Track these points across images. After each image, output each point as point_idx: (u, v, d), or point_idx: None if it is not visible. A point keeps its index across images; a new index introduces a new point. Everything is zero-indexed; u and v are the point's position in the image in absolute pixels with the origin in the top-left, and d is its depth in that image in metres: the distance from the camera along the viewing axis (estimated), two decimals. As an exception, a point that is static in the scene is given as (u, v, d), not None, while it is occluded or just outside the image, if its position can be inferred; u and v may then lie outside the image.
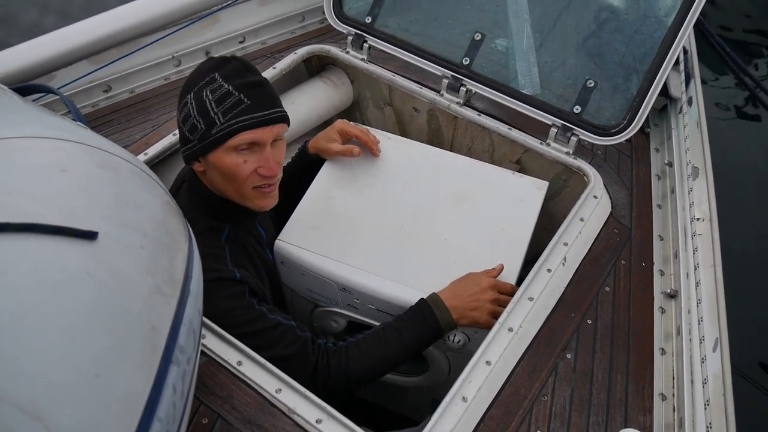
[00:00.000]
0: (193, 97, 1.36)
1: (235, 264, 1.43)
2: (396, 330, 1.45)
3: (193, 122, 1.36)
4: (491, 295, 1.47)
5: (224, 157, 1.36)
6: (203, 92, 1.34)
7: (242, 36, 2.33)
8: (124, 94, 2.11)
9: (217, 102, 1.33)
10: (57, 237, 0.78)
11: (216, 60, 1.40)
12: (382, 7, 2.09)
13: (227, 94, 1.33)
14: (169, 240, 0.96)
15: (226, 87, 1.34)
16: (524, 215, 1.69)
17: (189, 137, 1.38)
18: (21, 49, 1.84)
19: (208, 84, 1.35)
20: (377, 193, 1.74)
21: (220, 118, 1.33)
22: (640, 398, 1.40)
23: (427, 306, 1.46)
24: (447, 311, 1.45)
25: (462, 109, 2.00)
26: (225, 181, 1.41)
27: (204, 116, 1.34)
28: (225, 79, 1.34)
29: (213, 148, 1.36)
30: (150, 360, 0.81)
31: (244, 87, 1.35)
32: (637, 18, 1.82)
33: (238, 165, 1.37)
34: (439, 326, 1.45)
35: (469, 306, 1.45)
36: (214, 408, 1.24)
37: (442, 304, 1.45)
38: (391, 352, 1.44)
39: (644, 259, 1.69)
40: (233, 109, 1.33)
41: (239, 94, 1.34)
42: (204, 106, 1.34)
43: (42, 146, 0.90)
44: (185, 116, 1.38)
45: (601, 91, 1.82)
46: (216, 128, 1.34)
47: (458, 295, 1.46)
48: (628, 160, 1.99)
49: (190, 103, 1.36)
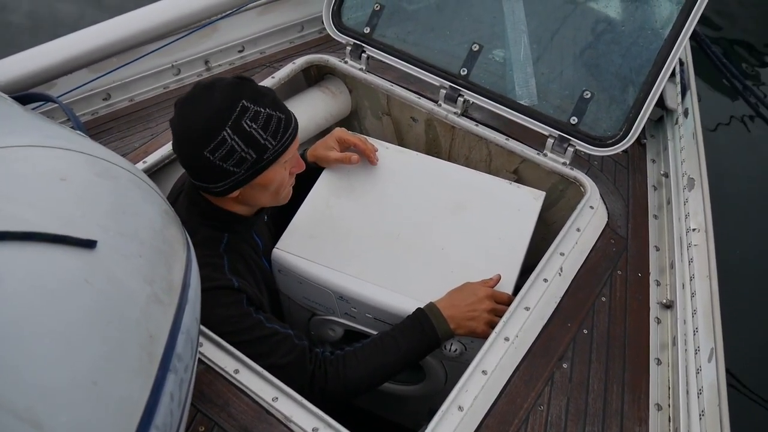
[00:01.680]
0: (233, 132, 1.30)
1: (233, 273, 1.44)
2: (393, 339, 1.45)
3: (241, 155, 1.33)
4: (488, 305, 1.47)
5: (275, 173, 1.42)
6: (242, 124, 1.31)
7: (241, 45, 2.34)
8: (123, 102, 2.12)
9: (264, 128, 1.34)
10: (56, 245, 0.78)
11: (225, 86, 1.33)
12: (381, 17, 2.11)
13: (269, 117, 1.34)
14: (167, 248, 0.96)
15: (263, 111, 1.33)
16: (521, 225, 1.70)
17: (234, 170, 1.34)
18: (21, 57, 1.85)
19: (242, 114, 1.31)
20: (375, 202, 1.75)
21: (271, 141, 1.35)
22: (636, 408, 1.40)
23: (425, 315, 1.46)
24: (444, 321, 1.45)
25: (459, 119, 2.01)
26: (267, 194, 1.46)
27: (254, 146, 1.33)
28: (256, 104, 1.32)
29: (263, 171, 1.39)
30: (147, 368, 0.81)
31: (273, 105, 1.36)
32: (634, 30, 1.84)
33: (284, 175, 1.45)
34: (436, 336, 1.45)
35: (466, 316, 1.45)
36: (210, 416, 1.24)
37: (440, 313, 1.46)
38: (388, 361, 1.44)
39: (640, 269, 1.70)
40: (279, 128, 1.36)
41: (275, 112, 1.35)
42: (252, 137, 1.32)
43: (41, 155, 0.91)
44: (227, 153, 1.31)
45: (597, 102, 1.83)
46: (269, 152, 1.36)
47: (455, 304, 1.47)
48: (624, 170, 2.00)
49: (231, 139, 1.30)
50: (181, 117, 1.35)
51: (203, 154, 1.31)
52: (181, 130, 1.35)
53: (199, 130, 1.31)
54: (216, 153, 1.31)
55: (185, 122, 1.34)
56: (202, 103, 1.32)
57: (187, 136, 1.34)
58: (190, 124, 1.32)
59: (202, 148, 1.31)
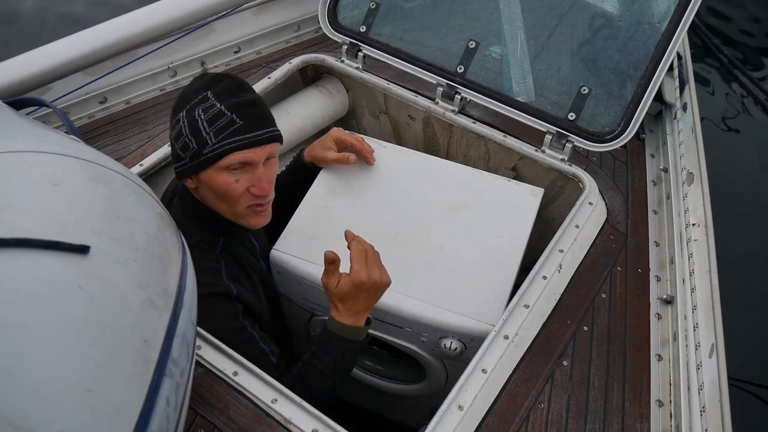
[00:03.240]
0: (185, 115, 1.35)
1: (231, 278, 1.43)
2: (320, 364, 1.39)
3: (185, 140, 1.35)
4: (363, 270, 1.35)
5: (216, 176, 1.36)
6: (195, 111, 1.34)
7: (237, 46, 2.33)
8: (119, 105, 2.11)
9: (210, 122, 1.32)
10: (49, 252, 0.78)
11: (209, 77, 1.38)
12: (377, 16, 2.10)
13: (219, 114, 1.33)
14: (162, 253, 0.96)
15: (218, 107, 1.33)
16: (520, 222, 1.69)
17: (181, 155, 1.38)
18: (15, 62, 1.84)
19: (200, 102, 1.34)
20: (373, 201, 1.74)
21: (212, 138, 1.33)
22: (637, 405, 1.40)
23: (331, 333, 1.40)
24: (349, 327, 1.38)
25: (457, 116, 2.00)
26: (218, 200, 1.42)
27: (196, 135, 1.34)
28: (217, 98, 1.34)
29: (205, 167, 1.36)
30: (142, 373, 0.81)
31: (237, 107, 1.34)
32: (631, 24, 1.83)
33: (230, 184, 1.37)
34: (353, 342, 1.39)
35: (365, 306, 1.39)
36: (210, 419, 1.24)
37: (342, 324, 1.38)
38: (325, 383, 1.39)
39: (640, 265, 1.69)
40: (225, 130, 1.33)
41: (231, 114, 1.33)
42: (196, 126, 1.33)
43: (34, 161, 0.90)
44: (177, 134, 1.37)
45: (595, 97, 1.82)
46: (208, 148, 1.33)
47: (350, 308, 1.38)
48: (623, 166, 1.99)
49: (182, 122, 1.35)
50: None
51: (170, 131, 1.42)
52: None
53: (173, 108, 1.42)
54: (173, 131, 1.39)
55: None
56: (187, 86, 1.42)
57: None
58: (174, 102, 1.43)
59: (170, 126, 1.42)
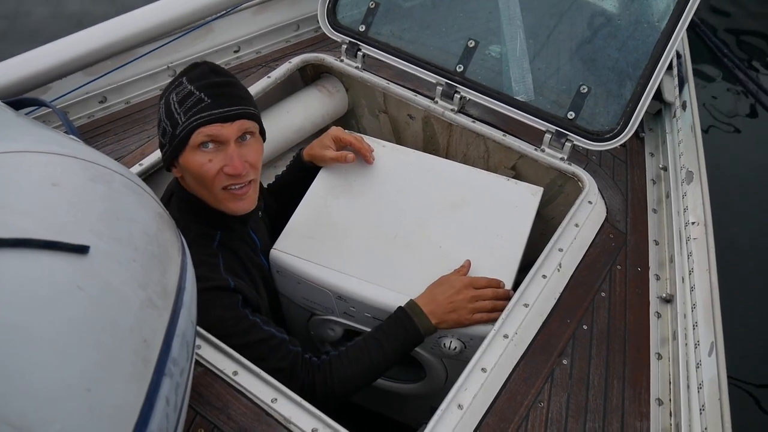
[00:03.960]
0: (163, 102, 1.40)
1: (229, 271, 1.43)
2: (377, 341, 1.46)
3: (164, 126, 1.39)
4: (467, 294, 1.47)
5: (190, 157, 1.37)
6: (170, 96, 1.38)
7: (237, 45, 2.34)
8: (119, 104, 2.11)
9: (180, 102, 1.36)
10: (48, 252, 0.78)
11: (188, 66, 1.43)
12: (376, 15, 2.10)
13: (189, 94, 1.36)
14: (162, 252, 0.96)
15: (188, 88, 1.36)
16: (519, 221, 1.69)
17: (162, 141, 1.42)
18: (15, 62, 1.84)
19: (175, 88, 1.39)
20: (373, 201, 1.74)
21: (182, 117, 1.35)
22: (637, 403, 1.40)
23: (406, 314, 1.47)
24: (425, 317, 1.45)
25: (457, 116, 2.00)
26: (197, 185, 1.42)
27: (170, 118, 1.37)
28: (190, 82, 1.37)
29: (181, 149, 1.37)
30: (142, 373, 0.81)
31: (206, 87, 1.36)
32: (630, 23, 1.83)
33: (203, 165, 1.37)
34: (418, 332, 1.46)
35: (446, 309, 1.46)
36: (210, 419, 1.24)
37: (421, 311, 1.46)
38: (373, 363, 1.45)
39: (640, 263, 1.69)
40: (193, 108, 1.35)
41: (200, 93, 1.36)
42: (169, 109, 1.37)
43: (33, 161, 0.90)
44: (158, 122, 1.42)
45: (594, 96, 1.82)
46: (179, 128, 1.36)
47: (435, 300, 1.47)
48: (622, 165, 1.99)
49: (160, 108, 1.41)
50: None
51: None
52: None
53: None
54: (157, 122, 1.43)
55: None
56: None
57: None
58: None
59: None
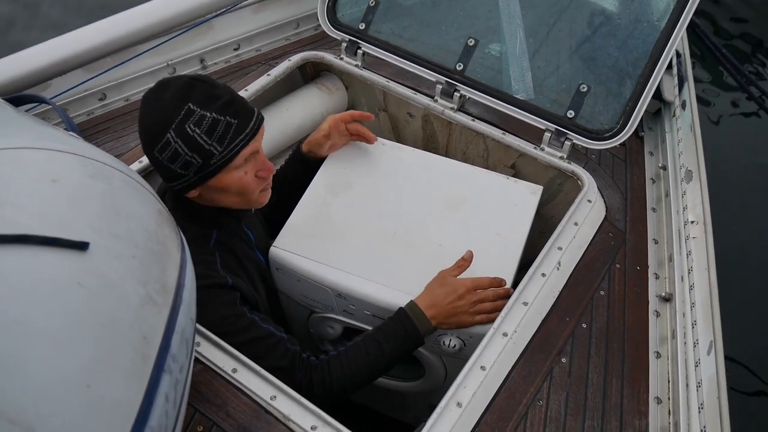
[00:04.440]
0: (175, 135, 1.29)
1: (226, 269, 1.43)
2: (376, 342, 1.45)
3: (186, 159, 1.31)
4: (470, 298, 1.46)
5: (226, 177, 1.37)
6: (186, 127, 1.28)
7: (237, 43, 2.33)
8: (119, 102, 2.12)
9: (208, 133, 1.30)
10: (48, 248, 0.78)
11: (177, 87, 1.31)
12: (376, 13, 2.10)
13: (215, 122, 1.30)
14: (161, 249, 0.96)
15: (210, 115, 1.29)
16: (519, 220, 1.69)
17: (182, 173, 1.33)
18: (15, 58, 1.84)
19: (187, 117, 1.28)
20: (372, 199, 1.74)
21: (217, 147, 1.31)
22: (636, 402, 1.40)
23: (406, 315, 1.46)
24: (426, 320, 1.44)
25: (456, 114, 2.00)
26: (229, 196, 1.42)
27: (198, 151, 1.30)
28: (203, 107, 1.29)
29: (214, 175, 1.35)
30: (141, 369, 0.81)
31: (223, 108, 1.31)
32: (630, 22, 1.83)
33: (241, 179, 1.39)
34: (418, 334, 1.45)
35: (448, 313, 1.45)
36: (209, 416, 1.24)
37: (421, 312, 1.45)
38: (372, 363, 1.44)
39: (639, 262, 1.69)
40: (227, 134, 1.32)
41: (224, 117, 1.31)
42: (195, 142, 1.29)
43: (33, 157, 0.90)
44: (172, 155, 1.31)
45: (594, 95, 1.82)
46: (216, 158, 1.32)
47: (437, 303, 1.46)
48: (622, 163, 1.99)
49: (174, 142, 1.29)
50: (140, 113, 1.35)
51: (153, 153, 1.33)
52: (139, 127, 1.35)
53: (148, 129, 1.32)
54: (163, 154, 1.31)
55: (140, 119, 1.34)
56: (156, 101, 1.32)
57: (141, 133, 1.34)
58: (143, 121, 1.33)
59: (152, 148, 1.32)
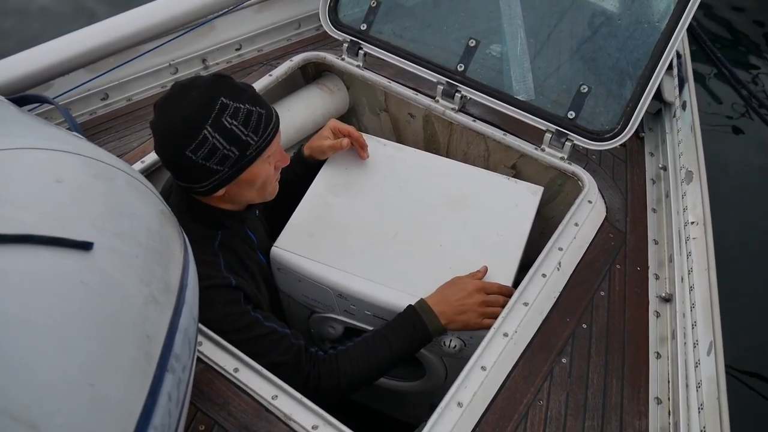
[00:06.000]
0: (212, 130, 1.29)
1: (229, 270, 1.44)
2: (384, 338, 1.46)
3: (224, 153, 1.31)
4: (478, 298, 1.48)
5: (258, 168, 1.40)
6: (223, 121, 1.29)
7: (238, 43, 2.34)
8: (121, 102, 2.12)
9: (245, 124, 1.32)
10: (52, 248, 0.78)
11: (204, 84, 1.32)
12: (377, 14, 2.10)
13: (249, 113, 1.33)
14: (164, 249, 0.97)
15: (244, 107, 1.32)
16: (519, 220, 1.70)
17: (217, 168, 1.33)
18: (18, 58, 1.85)
19: (222, 111, 1.29)
20: (373, 199, 1.75)
21: (253, 137, 1.34)
22: (636, 402, 1.40)
23: (415, 313, 1.47)
24: (435, 317, 1.46)
25: (457, 115, 2.00)
26: (253, 191, 1.45)
27: (237, 143, 1.32)
28: (235, 100, 1.31)
29: (247, 167, 1.38)
30: (145, 369, 0.81)
31: (252, 100, 1.35)
32: (631, 23, 1.83)
33: (268, 171, 1.44)
34: (427, 332, 1.46)
35: (456, 311, 1.46)
36: (210, 415, 1.25)
37: (430, 310, 1.47)
38: (380, 359, 1.46)
39: (639, 263, 1.70)
40: (261, 123, 1.35)
41: (255, 108, 1.34)
42: (233, 134, 1.31)
43: (37, 157, 0.91)
44: (209, 152, 1.30)
45: (595, 96, 1.83)
46: (252, 148, 1.35)
47: (446, 300, 1.48)
48: (622, 164, 2.00)
49: (212, 137, 1.29)
50: (161, 117, 1.33)
51: (185, 153, 1.30)
52: (162, 131, 1.33)
53: (180, 129, 1.30)
54: (198, 152, 1.30)
55: (165, 122, 1.32)
56: (181, 102, 1.31)
57: (168, 136, 1.32)
58: (170, 123, 1.31)
59: (184, 148, 1.30)
